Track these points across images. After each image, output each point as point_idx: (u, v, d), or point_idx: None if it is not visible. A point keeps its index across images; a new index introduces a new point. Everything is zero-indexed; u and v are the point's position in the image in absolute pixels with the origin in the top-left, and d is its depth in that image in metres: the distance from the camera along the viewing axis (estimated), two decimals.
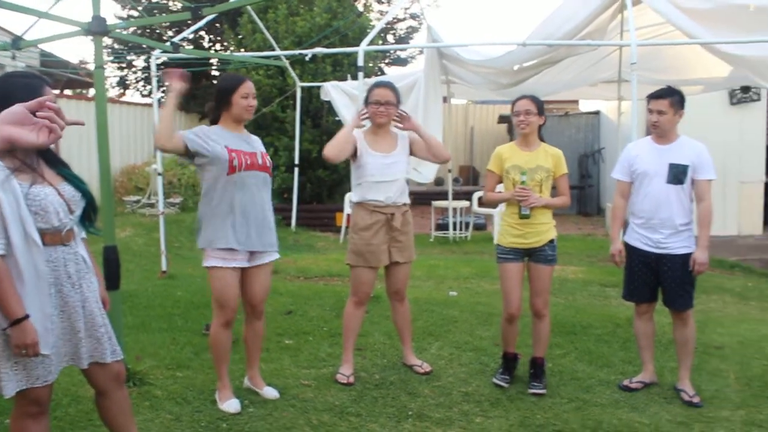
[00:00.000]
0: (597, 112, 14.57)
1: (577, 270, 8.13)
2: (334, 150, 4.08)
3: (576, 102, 15.98)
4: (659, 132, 4.01)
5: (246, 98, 3.63)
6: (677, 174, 3.92)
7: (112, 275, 3.86)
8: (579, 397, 4.00)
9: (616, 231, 4.20)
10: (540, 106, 4.11)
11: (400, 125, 4.24)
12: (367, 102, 4.22)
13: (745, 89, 10.29)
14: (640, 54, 6.07)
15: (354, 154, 4.16)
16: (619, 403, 3.93)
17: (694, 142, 4.02)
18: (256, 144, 3.79)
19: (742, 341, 5.09)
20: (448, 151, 4.52)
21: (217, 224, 3.58)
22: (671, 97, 3.94)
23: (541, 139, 4.19)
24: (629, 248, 4.11)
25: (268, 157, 3.80)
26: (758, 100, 10.56)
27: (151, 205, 11.04)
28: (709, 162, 3.95)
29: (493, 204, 4.33)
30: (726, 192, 10.26)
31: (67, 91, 15.17)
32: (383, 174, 4.12)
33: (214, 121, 3.72)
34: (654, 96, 3.99)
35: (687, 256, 3.94)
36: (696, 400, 3.91)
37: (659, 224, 3.95)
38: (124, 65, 15.76)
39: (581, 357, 4.71)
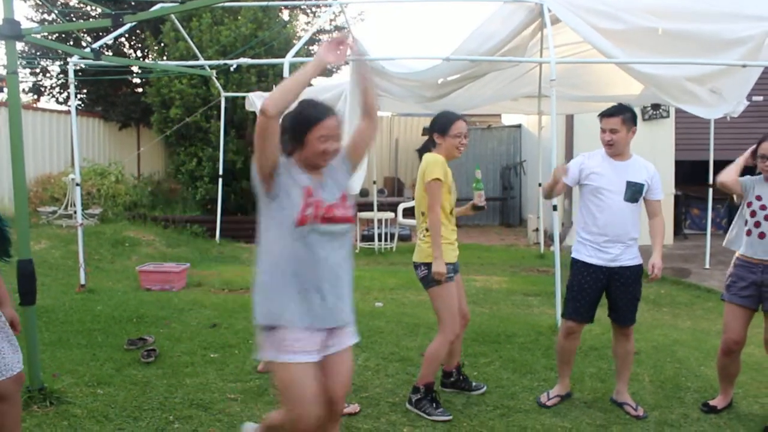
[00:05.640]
0: (519, 126, 14.95)
1: (500, 280, 8.31)
2: None
3: (498, 116, 16.35)
4: (615, 150, 3.93)
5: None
6: (634, 193, 3.90)
7: (27, 290, 3.71)
8: (504, 404, 4.10)
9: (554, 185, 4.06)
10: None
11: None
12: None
13: (656, 106, 10.81)
14: (559, 71, 6.28)
15: None
16: (541, 409, 4.04)
17: (646, 162, 4.01)
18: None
19: (655, 346, 5.32)
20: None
21: None
22: (622, 114, 3.88)
23: None
24: (580, 264, 3.98)
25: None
26: (667, 117, 11.12)
27: (69, 216, 10.63)
28: (660, 183, 3.98)
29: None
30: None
31: None
32: None
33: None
34: (605, 114, 3.92)
35: (636, 267, 3.94)
36: (640, 412, 3.95)
37: (614, 239, 3.88)
38: (37, 70, 15.09)
39: (505, 365, 4.82)
